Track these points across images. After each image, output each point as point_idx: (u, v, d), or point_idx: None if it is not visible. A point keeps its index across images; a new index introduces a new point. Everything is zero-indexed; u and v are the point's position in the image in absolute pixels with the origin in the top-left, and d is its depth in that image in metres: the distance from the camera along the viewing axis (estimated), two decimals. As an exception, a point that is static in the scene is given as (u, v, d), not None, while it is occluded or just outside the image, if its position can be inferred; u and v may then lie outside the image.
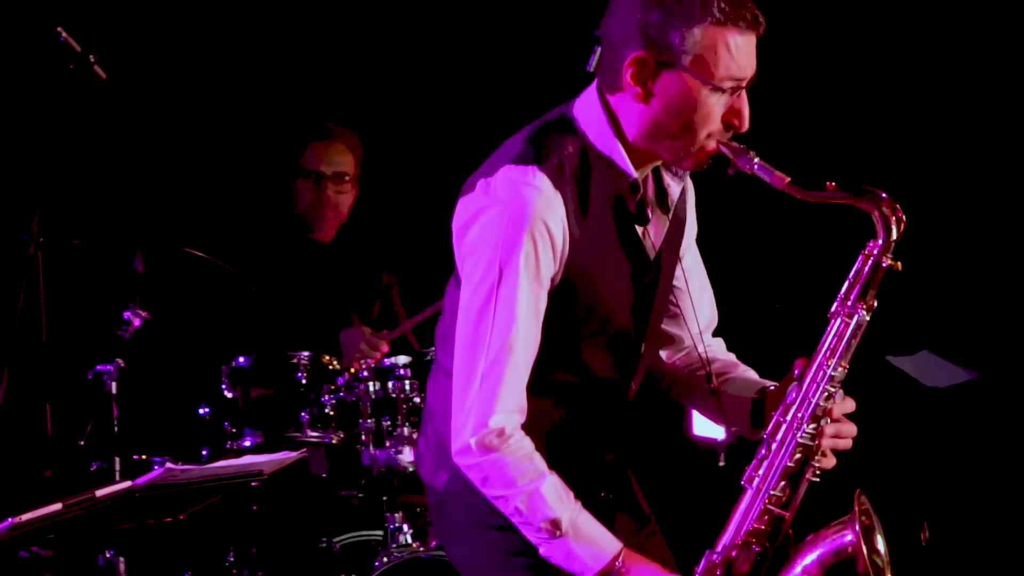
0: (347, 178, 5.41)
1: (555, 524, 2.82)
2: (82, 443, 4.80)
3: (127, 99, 4.76)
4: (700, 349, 3.23)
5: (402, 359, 4.87)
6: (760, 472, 2.92)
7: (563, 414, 3.07)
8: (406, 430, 4.79)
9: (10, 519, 2.94)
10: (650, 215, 3.02)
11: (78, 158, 4.93)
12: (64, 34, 4.40)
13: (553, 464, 2.90)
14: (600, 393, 3.11)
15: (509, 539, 2.97)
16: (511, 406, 2.87)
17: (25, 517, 2.97)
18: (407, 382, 4.82)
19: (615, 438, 3.19)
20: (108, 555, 4.77)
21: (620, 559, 2.85)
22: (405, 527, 4.84)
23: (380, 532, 4.91)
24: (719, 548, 2.93)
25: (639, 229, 3.00)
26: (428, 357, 4.85)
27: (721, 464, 5.40)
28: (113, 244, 5.06)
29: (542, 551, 2.88)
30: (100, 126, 5.21)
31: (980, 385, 5.83)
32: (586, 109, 2.96)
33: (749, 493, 2.92)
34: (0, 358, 4.55)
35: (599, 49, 3.23)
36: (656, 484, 3.18)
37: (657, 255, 3.06)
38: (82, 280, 5.06)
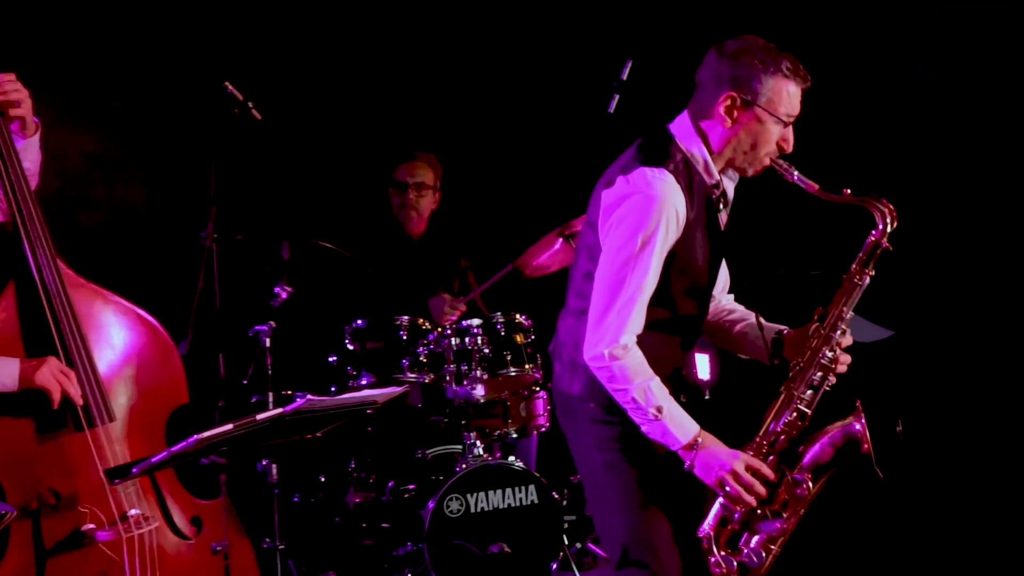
0: (425, 187, 5.54)
1: (659, 410, 3.09)
2: (245, 382, 5.10)
3: (276, 134, 4.94)
4: (729, 297, 3.56)
5: (476, 321, 5.05)
6: (795, 382, 3.22)
7: (667, 342, 3.31)
8: (478, 372, 4.98)
9: (195, 436, 3.05)
10: (721, 207, 3.33)
11: (240, 177, 5.10)
12: (230, 87, 4.65)
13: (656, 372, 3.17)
14: (684, 325, 3.35)
15: (612, 430, 3.24)
16: (634, 330, 3.14)
17: (206, 434, 3.07)
18: (479, 338, 4.99)
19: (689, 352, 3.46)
20: (264, 462, 5.02)
21: (700, 436, 3.11)
22: (478, 443, 5.05)
23: (460, 446, 5.15)
24: (763, 432, 3.23)
25: (720, 216, 3.32)
26: (493, 320, 5.11)
27: (706, 398, 5.55)
28: (266, 238, 5.17)
29: (644, 429, 3.13)
30: (256, 153, 5.30)
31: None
32: (682, 130, 3.26)
33: (785, 395, 3.23)
34: (187, 322, 4.75)
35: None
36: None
37: (724, 232, 3.37)
38: (244, 264, 5.13)
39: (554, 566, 5.05)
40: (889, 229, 3.21)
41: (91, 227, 5.46)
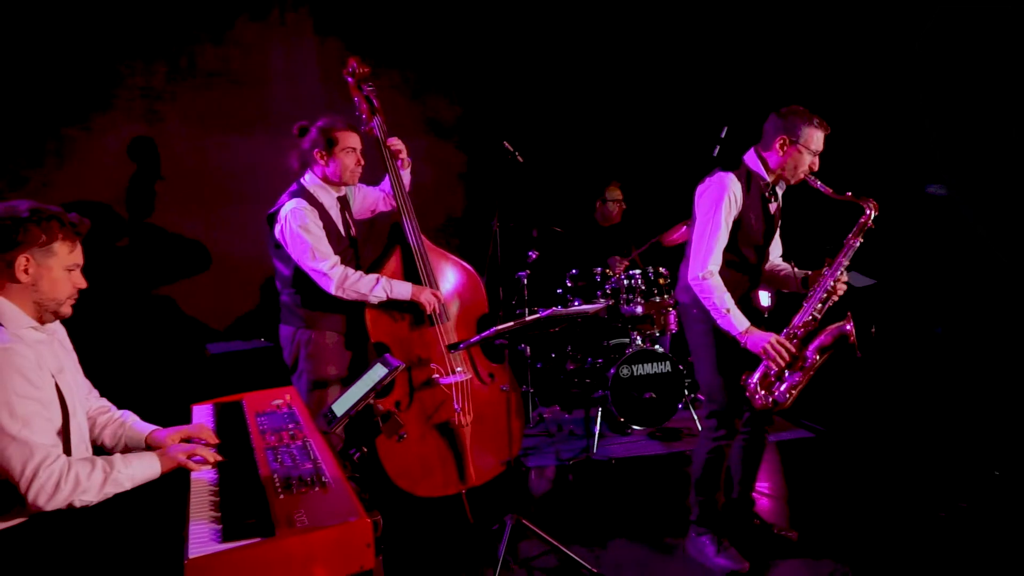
0: (617, 200, 5.27)
1: (727, 310, 2.93)
2: (514, 302, 4.95)
3: (531, 169, 4.70)
4: (780, 259, 3.27)
5: (637, 271, 4.83)
6: (810, 300, 2.98)
7: (737, 276, 3.07)
8: (638, 299, 4.77)
9: (493, 328, 3.06)
10: (772, 200, 3.10)
11: (511, 192, 5.00)
12: (506, 144, 4.44)
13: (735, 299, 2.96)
14: (746, 266, 3.10)
15: (706, 324, 3.04)
16: (716, 262, 2.98)
17: (498, 328, 3.06)
18: (638, 280, 4.79)
19: (754, 288, 3.19)
20: (523, 345, 4.97)
21: (749, 327, 2.94)
22: (639, 338, 4.87)
23: (628, 339, 4.97)
24: (790, 327, 2.98)
25: (770, 204, 3.10)
26: (646, 270, 4.83)
27: (765, 316, 5.22)
28: (524, 226, 5.07)
29: (719, 322, 2.95)
30: (519, 180, 5.13)
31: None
32: (750, 156, 3.07)
33: (805, 307, 2.99)
34: (484, 269, 4.63)
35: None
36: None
37: (773, 215, 3.13)
38: (513, 241, 5.08)
39: (679, 406, 4.87)
40: (873, 215, 2.94)
41: (436, 218, 5.37)
